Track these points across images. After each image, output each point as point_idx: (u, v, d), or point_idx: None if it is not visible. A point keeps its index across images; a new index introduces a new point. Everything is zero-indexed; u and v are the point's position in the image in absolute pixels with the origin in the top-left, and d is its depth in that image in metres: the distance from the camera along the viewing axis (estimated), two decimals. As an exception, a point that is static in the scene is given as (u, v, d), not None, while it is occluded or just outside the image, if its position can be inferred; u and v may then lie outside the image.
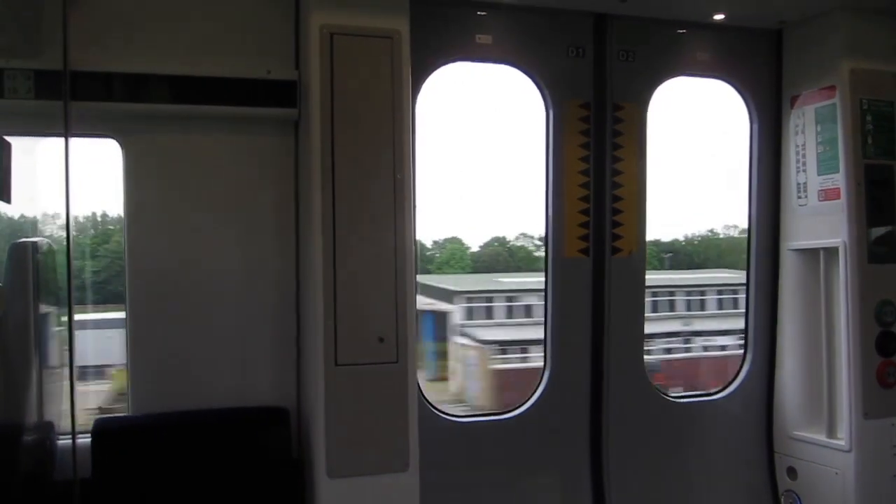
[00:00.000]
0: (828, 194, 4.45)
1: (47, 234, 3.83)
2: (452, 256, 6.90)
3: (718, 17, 4.57)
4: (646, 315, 4.71)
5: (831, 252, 4.46)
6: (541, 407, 4.47)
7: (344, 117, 3.53)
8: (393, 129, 3.60)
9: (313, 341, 3.53)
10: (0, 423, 3.19)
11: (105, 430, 3.48)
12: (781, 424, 4.79)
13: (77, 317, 3.46)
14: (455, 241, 6.89)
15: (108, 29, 3.63)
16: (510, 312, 7.05)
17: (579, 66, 4.49)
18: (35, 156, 3.75)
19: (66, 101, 3.38)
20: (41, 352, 3.41)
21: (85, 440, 3.44)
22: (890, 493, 4.35)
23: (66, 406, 3.43)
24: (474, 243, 6.93)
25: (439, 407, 4.34)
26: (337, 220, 3.51)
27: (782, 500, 4.79)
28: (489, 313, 7.10)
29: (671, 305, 7.84)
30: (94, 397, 4.47)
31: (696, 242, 7.64)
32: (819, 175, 4.50)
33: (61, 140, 3.37)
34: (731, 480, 4.84)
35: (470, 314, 7.05)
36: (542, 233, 4.55)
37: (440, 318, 6.82)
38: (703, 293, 7.89)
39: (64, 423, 3.52)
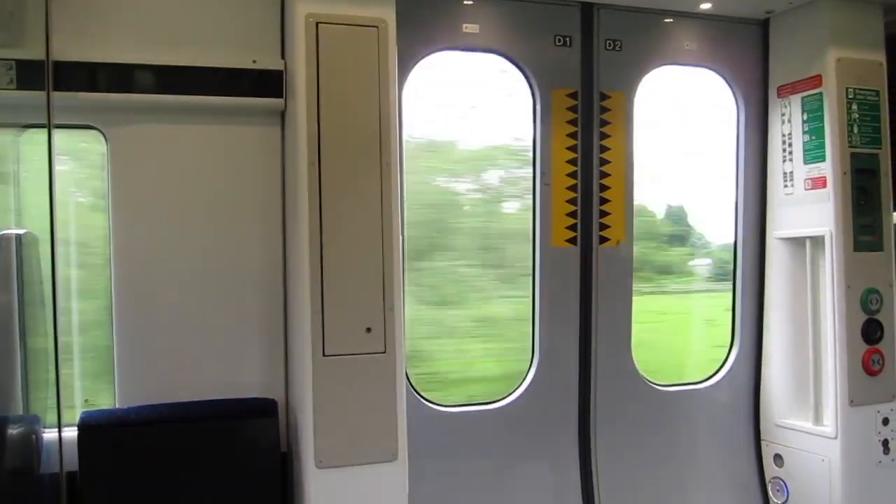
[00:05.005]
0: (814, 183, 4.47)
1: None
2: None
3: (705, 6, 4.58)
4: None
5: (817, 240, 4.49)
6: (529, 396, 4.48)
7: (330, 107, 3.51)
8: (380, 119, 3.58)
9: (301, 332, 3.52)
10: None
11: (92, 423, 3.46)
12: (768, 412, 4.82)
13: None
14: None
15: (91, 18, 3.59)
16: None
17: (566, 55, 4.49)
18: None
19: (49, 92, 3.35)
20: (26, 344, 3.38)
21: (71, 433, 3.42)
22: (875, 479, 4.40)
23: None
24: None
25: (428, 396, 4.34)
26: (324, 210, 3.50)
27: (769, 487, 4.83)
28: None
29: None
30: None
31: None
32: (805, 164, 4.52)
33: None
34: (718, 468, 4.87)
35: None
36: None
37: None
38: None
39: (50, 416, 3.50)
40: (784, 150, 4.66)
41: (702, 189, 5.35)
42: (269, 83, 3.72)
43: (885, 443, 4.41)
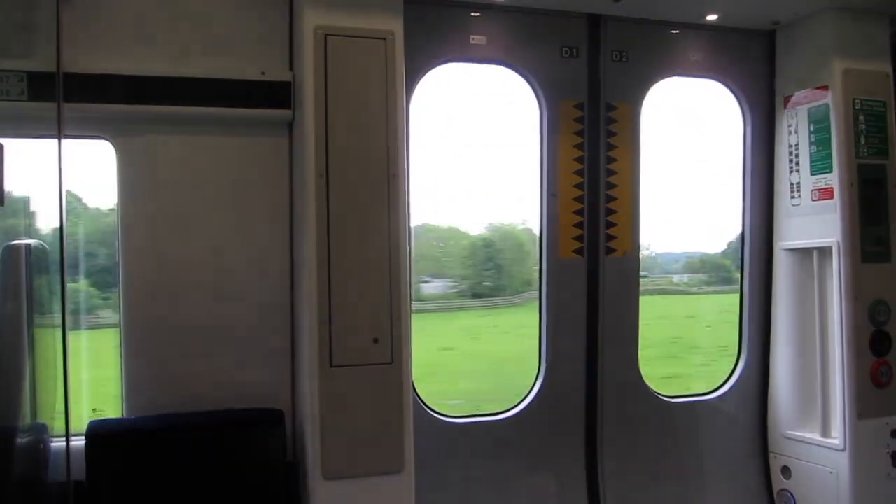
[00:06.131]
0: (821, 194, 4.46)
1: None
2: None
3: (711, 17, 4.59)
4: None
5: (824, 251, 4.48)
6: (536, 407, 4.47)
7: (338, 118, 3.53)
8: (387, 130, 3.60)
9: (308, 343, 3.52)
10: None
11: (99, 432, 3.46)
12: (776, 424, 4.80)
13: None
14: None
15: (101, 30, 3.62)
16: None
17: (573, 66, 4.50)
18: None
19: (60, 103, 3.37)
20: (34, 354, 3.39)
21: (79, 442, 3.43)
22: (884, 492, 4.37)
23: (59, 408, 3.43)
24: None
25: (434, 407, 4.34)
26: (331, 221, 3.51)
27: (777, 499, 4.80)
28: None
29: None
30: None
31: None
32: (812, 175, 4.52)
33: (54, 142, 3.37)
34: (725, 480, 4.85)
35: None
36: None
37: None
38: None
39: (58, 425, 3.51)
40: (791, 161, 4.66)
41: (710, 199, 5.37)
42: (277, 94, 3.74)
43: (894, 455, 4.38)
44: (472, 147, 5.19)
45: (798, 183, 4.61)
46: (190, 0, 3.77)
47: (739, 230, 4.93)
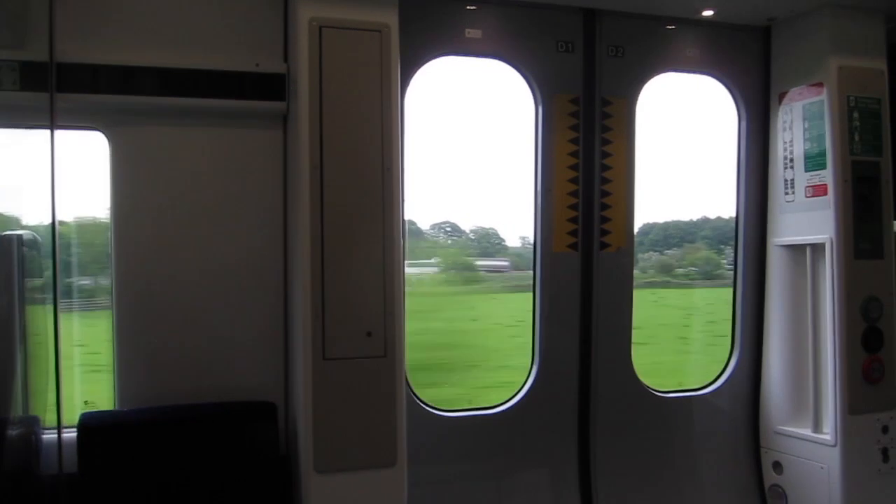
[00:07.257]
0: (815, 190, 4.47)
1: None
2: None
3: (707, 13, 4.58)
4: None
5: (818, 248, 4.49)
6: (529, 401, 4.48)
7: (333, 111, 3.52)
8: (382, 123, 3.59)
9: (301, 335, 3.52)
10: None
11: (91, 424, 3.46)
12: (767, 419, 4.82)
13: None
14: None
15: (95, 20, 3.60)
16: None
17: (568, 61, 4.50)
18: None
19: (52, 93, 3.36)
20: (26, 345, 3.38)
21: (71, 435, 3.42)
22: (875, 487, 4.39)
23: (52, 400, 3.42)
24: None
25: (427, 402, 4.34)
26: (325, 214, 3.50)
27: (768, 494, 4.82)
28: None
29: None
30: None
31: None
32: (806, 171, 4.52)
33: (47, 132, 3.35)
34: (717, 474, 4.87)
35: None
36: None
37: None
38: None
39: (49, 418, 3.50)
40: (785, 158, 4.67)
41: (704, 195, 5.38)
42: (271, 86, 3.72)
43: (885, 451, 4.41)
44: (466, 141, 5.19)
45: (792, 179, 4.62)
46: None
47: (734, 225, 4.94)
